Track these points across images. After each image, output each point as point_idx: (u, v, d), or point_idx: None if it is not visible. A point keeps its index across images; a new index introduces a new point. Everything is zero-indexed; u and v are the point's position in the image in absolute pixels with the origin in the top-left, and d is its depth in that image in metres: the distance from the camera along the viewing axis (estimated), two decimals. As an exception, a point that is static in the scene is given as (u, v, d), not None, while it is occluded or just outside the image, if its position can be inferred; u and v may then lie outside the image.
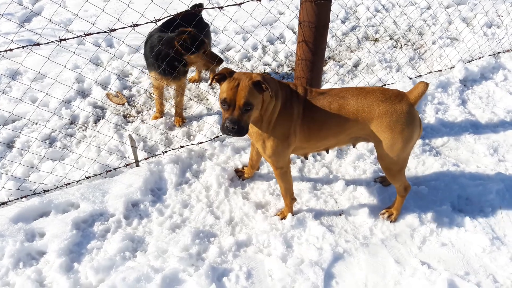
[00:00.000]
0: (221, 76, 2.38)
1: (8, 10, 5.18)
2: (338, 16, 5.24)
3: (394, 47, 4.97)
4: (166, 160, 3.27)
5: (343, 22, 5.26)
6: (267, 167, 3.33)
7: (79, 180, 3.14)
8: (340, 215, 2.99)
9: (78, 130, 3.69)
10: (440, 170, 3.31)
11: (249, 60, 4.63)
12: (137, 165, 3.28)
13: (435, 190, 3.17)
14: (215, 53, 3.42)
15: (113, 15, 3.58)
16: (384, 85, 4.22)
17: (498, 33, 5.13)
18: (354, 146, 2.88)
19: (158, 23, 2.84)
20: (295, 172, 3.28)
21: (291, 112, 2.53)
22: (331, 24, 5.09)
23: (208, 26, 3.78)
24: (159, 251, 2.70)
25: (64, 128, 3.65)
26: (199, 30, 3.50)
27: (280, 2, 5.41)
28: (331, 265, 2.64)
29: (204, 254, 2.70)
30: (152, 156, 3.37)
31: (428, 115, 3.89)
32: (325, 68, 4.55)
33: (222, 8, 3.10)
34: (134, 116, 3.89)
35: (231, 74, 2.36)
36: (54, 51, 4.05)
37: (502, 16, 5.46)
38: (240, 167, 3.31)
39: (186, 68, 3.43)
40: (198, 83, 3.77)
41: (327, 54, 4.73)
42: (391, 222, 2.91)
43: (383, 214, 2.94)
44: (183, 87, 3.67)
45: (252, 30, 4.96)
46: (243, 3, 3.10)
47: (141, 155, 3.37)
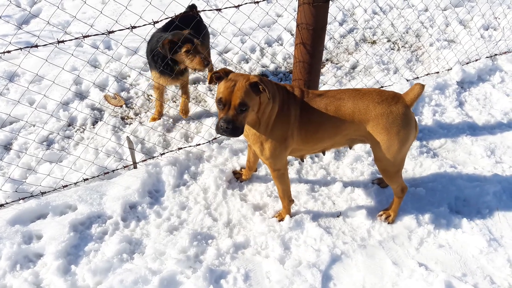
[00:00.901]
0: (218, 76, 2.39)
1: (6, 12, 5.17)
2: (335, 18, 5.26)
3: (392, 49, 4.98)
4: (164, 162, 3.27)
5: (340, 24, 5.28)
6: (265, 169, 3.33)
7: (77, 182, 3.14)
8: (337, 216, 3.00)
9: (76, 132, 3.69)
10: (437, 172, 3.31)
11: (247, 62, 4.64)
12: (134, 167, 3.28)
13: (432, 191, 3.17)
14: (202, 53, 3.39)
15: (111, 17, 3.58)
16: (382, 87, 4.23)
17: (495, 35, 5.15)
18: (350, 148, 2.89)
19: (158, 25, 2.85)
20: (293, 174, 3.29)
21: (289, 114, 2.54)
22: (328, 26, 5.11)
23: (206, 28, 3.83)
24: (156, 253, 2.70)
25: (62, 130, 3.65)
26: (197, 31, 3.51)
27: (278, 4, 5.42)
28: (329, 266, 2.64)
29: (202, 256, 2.70)
30: (150, 158, 3.37)
31: (426, 117, 3.90)
32: (323, 70, 4.56)
33: (220, 10, 3.11)
34: (132, 118, 3.89)
35: (228, 74, 2.37)
36: (52, 53, 4.05)
37: (499, 18, 5.48)
38: (238, 169, 3.32)
39: (179, 67, 3.46)
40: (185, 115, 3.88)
41: (324, 56, 4.74)
42: (388, 223, 2.92)
43: (381, 215, 2.95)
44: (185, 85, 3.75)
45: (250, 32, 4.97)
46: (241, 5, 3.11)
47: (138, 157, 3.37)
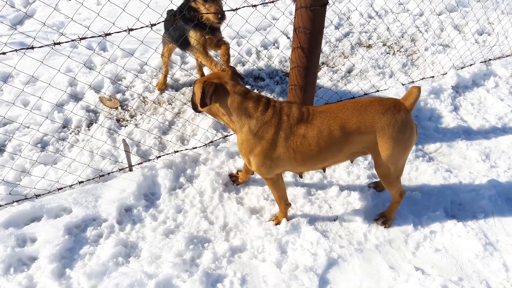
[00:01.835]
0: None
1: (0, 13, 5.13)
2: (332, 22, 5.27)
3: (387, 53, 5.01)
4: (159, 165, 3.25)
5: (337, 28, 5.29)
6: (262, 172, 3.33)
7: (72, 185, 3.11)
8: (334, 220, 3.00)
9: (71, 134, 3.66)
10: (433, 176, 3.32)
11: (243, 65, 4.63)
12: (130, 169, 3.26)
13: (428, 195, 3.18)
14: (219, 4, 3.34)
15: (106, 19, 3.56)
16: (378, 91, 4.25)
17: (489, 40, 5.20)
18: (352, 162, 2.87)
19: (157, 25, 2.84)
20: (289, 177, 3.28)
21: (272, 137, 2.46)
22: (325, 30, 5.12)
23: None
24: (152, 256, 2.68)
25: (57, 132, 3.61)
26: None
27: (274, 8, 5.42)
28: (325, 270, 2.63)
29: (198, 260, 2.69)
30: (145, 161, 3.35)
31: (421, 121, 3.92)
32: (319, 73, 4.57)
33: (218, 13, 3.11)
34: (127, 120, 3.86)
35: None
36: (47, 54, 4.02)
37: (493, 24, 5.53)
38: (234, 172, 3.30)
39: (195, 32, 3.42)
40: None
41: (321, 59, 4.75)
42: (385, 227, 2.92)
43: (377, 219, 2.95)
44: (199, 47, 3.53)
45: (246, 35, 4.97)
46: (239, 8, 3.10)
47: (134, 159, 3.35)
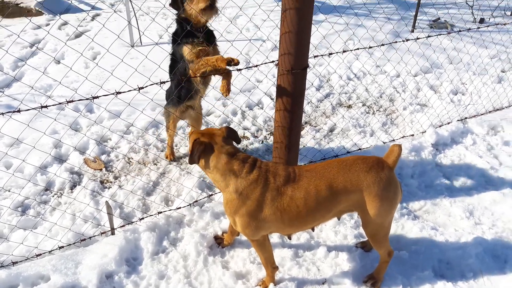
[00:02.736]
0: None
1: (-12, 76, 5.21)
2: (313, 84, 5.49)
3: (367, 112, 5.18)
4: (142, 227, 3.18)
5: (317, 89, 5.50)
6: (247, 233, 3.28)
7: (52, 250, 3.00)
8: (323, 283, 2.92)
9: (53, 196, 3.59)
10: (419, 234, 3.32)
11: (229, 125, 4.71)
12: (112, 233, 3.17)
13: (415, 254, 3.16)
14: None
15: (94, 82, 3.64)
16: (360, 149, 4.34)
17: (464, 99, 5.44)
18: (339, 219, 2.87)
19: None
20: (276, 238, 3.23)
21: (262, 196, 2.46)
22: (306, 92, 5.31)
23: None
24: (133, 327, 2.55)
25: (39, 194, 3.54)
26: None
27: (258, 71, 5.64)
28: (315, 338, 2.53)
29: (181, 329, 2.56)
30: (128, 223, 3.28)
31: (404, 179, 3.98)
32: (302, 132, 4.67)
33: (203, 76, 3.21)
34: (111, 182, 3.82)
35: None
36: (33, 117, 4.03)
37: (466, 84, 5.83)
38: (219, 233, 3.25)
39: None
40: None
41: (303, 119, 4.88)
42: (374, 289, 2.86)
43: (366, 281, 2.88)
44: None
45: (231, 96, 5.11)
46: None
47: (117, 222, 3.27)
